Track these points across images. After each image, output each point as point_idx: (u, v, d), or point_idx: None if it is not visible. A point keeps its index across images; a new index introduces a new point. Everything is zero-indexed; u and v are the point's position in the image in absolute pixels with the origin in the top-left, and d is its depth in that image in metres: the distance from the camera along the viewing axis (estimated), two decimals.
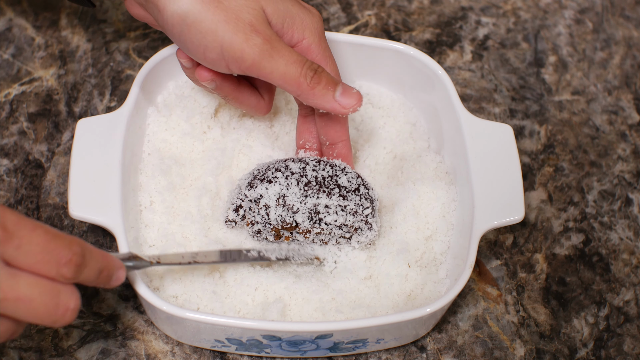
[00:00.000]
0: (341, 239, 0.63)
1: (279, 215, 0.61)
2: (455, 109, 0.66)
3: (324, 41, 0.62)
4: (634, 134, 0.79)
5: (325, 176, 0.62)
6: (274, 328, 0.57)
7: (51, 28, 0.80)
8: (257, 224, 0.63)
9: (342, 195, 0.62)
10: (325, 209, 0.61)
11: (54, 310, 0.46)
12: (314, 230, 0.62)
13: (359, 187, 0.63)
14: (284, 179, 0.62)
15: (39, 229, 0.46)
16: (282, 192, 0.61)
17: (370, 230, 0.63)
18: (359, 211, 0.62)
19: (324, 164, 0.63)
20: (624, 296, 0.70)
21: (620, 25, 0.85)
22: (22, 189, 0.70)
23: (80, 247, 0.47)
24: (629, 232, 0.73)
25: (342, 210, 0.62)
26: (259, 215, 0.62)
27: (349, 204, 0.62)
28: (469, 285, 0.69)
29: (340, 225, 0.62)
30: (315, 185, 0.62)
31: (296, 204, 0.61)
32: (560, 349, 0.67)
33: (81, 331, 0.65)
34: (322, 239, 0.63)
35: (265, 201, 0.62)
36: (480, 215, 0.62)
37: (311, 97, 0.59)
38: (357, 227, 0.63)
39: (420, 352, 0.66)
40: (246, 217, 0.63)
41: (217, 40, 0.57)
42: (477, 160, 0.64)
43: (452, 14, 0.84)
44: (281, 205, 0.61)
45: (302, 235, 0.63)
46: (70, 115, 0.75)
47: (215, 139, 0.69)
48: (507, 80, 0.81)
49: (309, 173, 0.62)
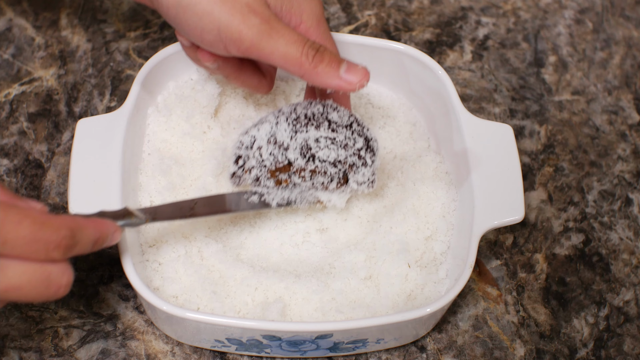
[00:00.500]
0: (339, 183, 0.62)
1: (270, 153, 0.60)
2: (455, 109, 0.66)
3: (323, 24, 0.61)
4: (634, 134, 0.79)
5: (315, 112, 0.61)
6: (274, 328, 0.57)
7: (51, 28, 0.80)
8: (253, 169, 0.61)
9: (332, 129, 0.60)
10: (315, 143, 0.60)
11: (45, 290, 0.47)
12: (308, 168, 0.60)
13: (352, 123, 0.61)
14: (274, 118, 0.61)
15: (26, 220, 0.46)
16: (273, 131, 0.60)
17: (366, 167, 0.61)
18: (350, 144, 0.60)
19: (316, 104, 0.62)
20: (624, 296, 0.70)
21: (620, 25, 0.85)
22: (22, 189, 0.70)
23: (69, 229, 0.47)
24: (629, 232, 0.73)
25: (332, 143, 0.60)
26: (254, 158, 0.61)
27: (339, 136, 0.60)
28: (469, 285, 0.69)
29: (334, 161, 0.60)
30: (304, 119, 0.60)
31: (286, 140, 0.60)
32: (560, 349, 0.67)
33: (81, 331, 0.65)
34: (322, 182, 0.62)
35: (258, 143, 0.61)
36: (480, 215, 0.62)
37: (315, 77, 0.57)
38: (352, 163, 0.61)
39: (420, 352, 0.66)
40: (245, 165, 0.62)
41: (214, 22, 0.56)
42: (477, 160, 0.64)
43: (452, 14, 0.84)
44: (272, 143, 0.60)
45: (297, 175, 0.61)
46: (70, 115, 0.75)
47: (215, 139, 0.69)
48: (507, 80, 0.81)
49: (299, 110, 0.61)
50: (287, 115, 0.61)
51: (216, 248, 0.64)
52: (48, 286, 0.47)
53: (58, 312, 0.65)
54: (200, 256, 0.64)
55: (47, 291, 0.48)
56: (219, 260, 0.63)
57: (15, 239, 0.45)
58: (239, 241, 0.65)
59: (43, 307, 0.66)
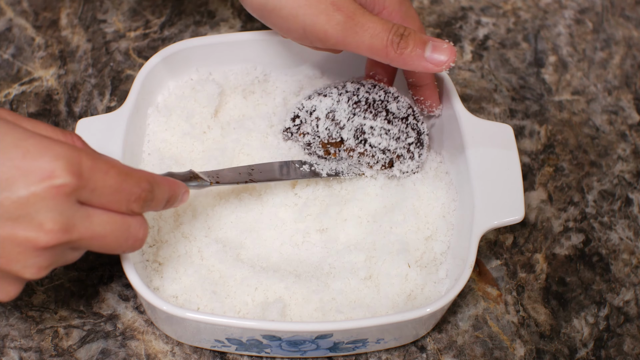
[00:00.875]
0: (384, 167, 0.65)
1: (326, 128, 0.64)
2: (455, 109, 0.66)
3: (405, 4, 0.62)
4: (634, 134, 0.79)
5: (377, 99, 0.65)
6: (274, 328, 0.57)
7: (51, 28, 0.80)
8: (307, 135, 0.66)
9: (388, 120, 0.64)
10: (370, 130, 0.63)
11: (124, 242, 0.50)
12: (357, 149, 0.64)
13: (408, 116, 0.65)
14: (337, 95, 0.65)
15: (112, 170, 0.48)
16: (333, 107, 0.64)
17: (412, 160, 0.65)
18: (402, 138, 0.64)
19: (379, 89, 0.65)
20: (624, 296, 0.70)
21: (620, 25, 0.85)
22: None
23: (148, 183, 0.50)
24: (629, 232, 0.73)
25: (386, 134, 0.64)
26: (310, 126, 0.65)
27: (393, 129, 0.64)
28: (469, 285, 0.69)
29: (384, 149, 0.64)
30: (364, 105, 0.64)
31: (343, 120, 0.64)
32: (560, 349, 0.67)
33: (81, 331, 0.65)
34: (368, 162, 0.65)
35: (317, 114, 0.65)
36: (480, 215, 0.62)
37: (402, 63, 0.59)
38: (400, 154, 0.65)
39: (420, 352, 0.66)
40: (300, 128, 0.66)
41: (299, 23, 0.58)
42: (477, 160, 0.64)
43: (452, 14, 0.84)
44: (330, 119, 0.64)
45: (346, 153, 0.65)
46: (70, 115, 0.75)
47: (215, 139, 0.69)
48: (507, 80, 0.81)
49: (361, 94, 0.65)
50: (349, 95, 0.65)
51: (216, 248, 0.64)
52: (127, 237, 0.50)
53: (58, 312, 0.65)
54: (200, 256, 0.64)
55: (125, 242, 0.50)
56: (219, 260, 0.63)
57: (103, 187, 0.48)
58: (239, 241, 0.65)
59: (43, 307, 0.66)
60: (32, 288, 0.66)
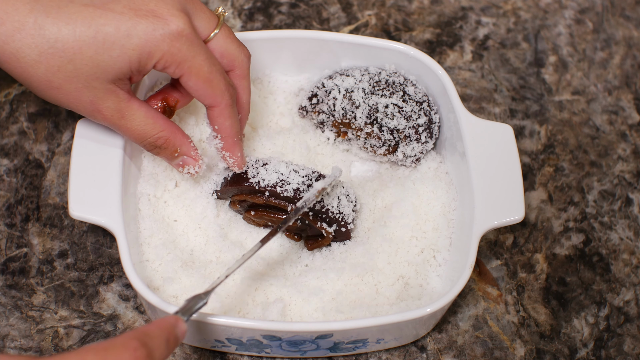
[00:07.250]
0: (387, 151, 0.67)
1: (342, 107, 0.66)
2: (455, 109, 0.66)
3: None
4: (634, 134, 0.79)
5: (396, 81, 0.67)
6: (274, 328, 0.57)
7: None
8: (322, 114, 0.68)
9: (404, 99, 0.66)
10: (384, 109, 0.65)
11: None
12: (365, 130, 0.66)
13: (423, 102, 0.67)
14: (360, 75, 0.68)
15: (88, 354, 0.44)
16: (353, 87, 0.67)
17: (418, 143, 0.66)
18: (413, 117, 0.66)
19: (399, 74, 0.68)
20: (624, 296, 0.70)
21: (620, 25, 0.85)
22: (22, 189, 0.70)
23: (136, 340, 0.46)
24: (629, 232, 0.73)
25: (399, 112, 0.65)
26: (326, 105, 0.67)
27: (406, 107, 0.66)
28: (469, 285, 0.69)
29: (392, 129, 0.65)
30: (384, 84, 0.67)
31: (359, 100, 0.66)
32: (560, 349, 0.67)
33: (81, 331, 0.65)
34: (372, 145, 0.66)
35: (335, 94, 0.67)
36: (480, 215, 0.62)
37: None
38: (407, 134, 0.66)
39: (420, 352, 0.66)
40: (317, 107, 0.68)
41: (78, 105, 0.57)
42: (477, 160, 0.64)
43: (452, 14, 0.84)
44: (347, 99, 0.66)
45: (355, 133, 0.67)
46: (71, 115, 0.75)
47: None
48: (507, 80, 0.81)
49: (382, 75, 0.68)
50: (371, 76, 0.68)
51: (216, 248, 0.64)
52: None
53: (58, 312, 0.65)
54: (201, 256, 0.64)
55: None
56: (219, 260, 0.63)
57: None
58: (239, 241, 0.65)
59: (43, 307, 0.66)
60: (32, 288, 0.66)
